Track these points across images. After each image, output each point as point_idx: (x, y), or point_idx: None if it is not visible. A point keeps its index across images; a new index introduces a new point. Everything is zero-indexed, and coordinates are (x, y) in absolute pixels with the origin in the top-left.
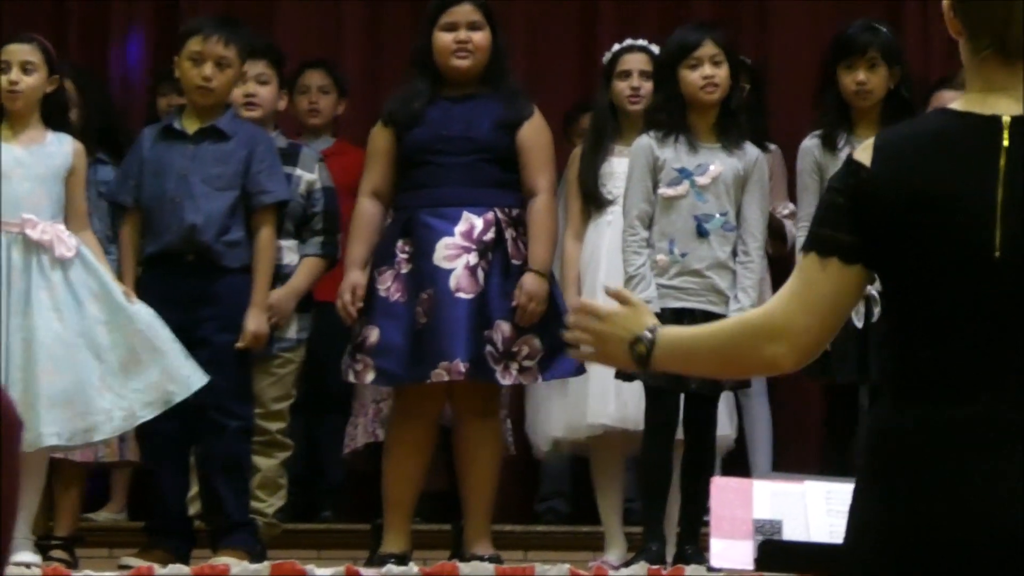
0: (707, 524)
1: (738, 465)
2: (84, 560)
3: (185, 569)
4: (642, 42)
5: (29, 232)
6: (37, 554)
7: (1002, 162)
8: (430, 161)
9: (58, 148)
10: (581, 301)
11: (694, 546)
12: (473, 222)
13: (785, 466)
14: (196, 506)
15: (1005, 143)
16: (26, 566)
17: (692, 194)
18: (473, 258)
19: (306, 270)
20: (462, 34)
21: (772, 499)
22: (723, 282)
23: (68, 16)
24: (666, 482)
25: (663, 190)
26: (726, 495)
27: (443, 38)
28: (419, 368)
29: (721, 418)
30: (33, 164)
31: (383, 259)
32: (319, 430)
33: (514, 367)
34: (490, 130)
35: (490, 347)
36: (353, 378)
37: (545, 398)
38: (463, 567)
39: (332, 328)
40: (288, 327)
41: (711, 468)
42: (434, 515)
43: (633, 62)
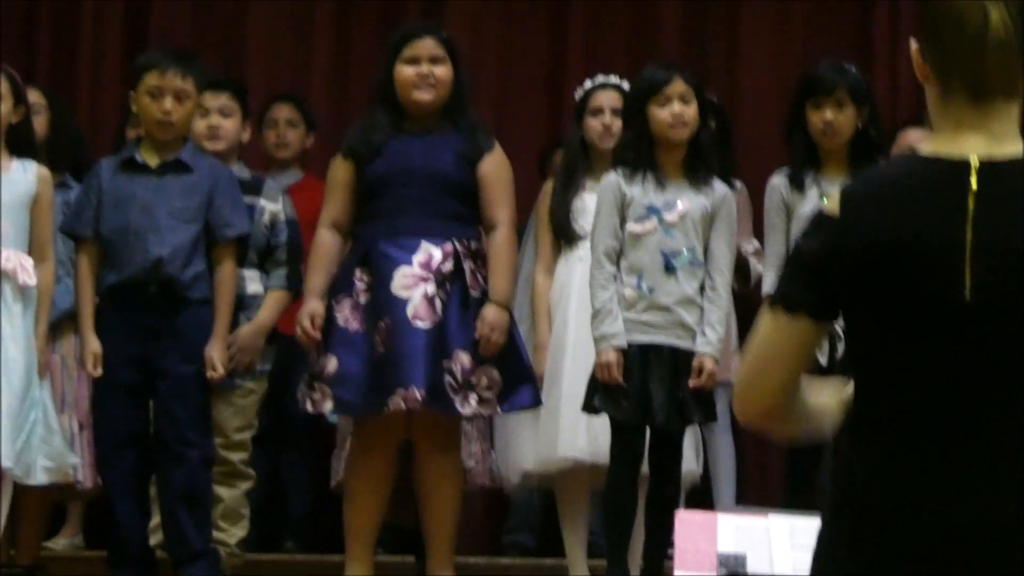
0: (671, 558)
1: (702, 498)
2: None
3: None
4: (614, 79)
5: None
6: None
7: (971, 205)
8: (390, 192)
9: (22, 175)
10: None
11: None
12: (431, 252)
13: (748, 500)
14: (158, 536)
15: (973, 186)
16: None
17: (660, 230)
18: (431, 288)
19: (272, 304)
20: (424, 68)
21: (736, 533)
22: (690, 317)
23: (36, 48)
24: (631, 516)
25: (631, 226)
26: (690, 529)
27: (405, 71)
28: (377, 397)
29: (687, 452)
30: None
31: (341, 288)
32: (282, 461)
33: (473, 397)
34: (451, 163)
35: (449, 377)
36: (311, 407)
37: (515, 432)
38: None
39: (294, 360)
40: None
41: (676, 502)
42: (397, 547)
43: (605, 99)
